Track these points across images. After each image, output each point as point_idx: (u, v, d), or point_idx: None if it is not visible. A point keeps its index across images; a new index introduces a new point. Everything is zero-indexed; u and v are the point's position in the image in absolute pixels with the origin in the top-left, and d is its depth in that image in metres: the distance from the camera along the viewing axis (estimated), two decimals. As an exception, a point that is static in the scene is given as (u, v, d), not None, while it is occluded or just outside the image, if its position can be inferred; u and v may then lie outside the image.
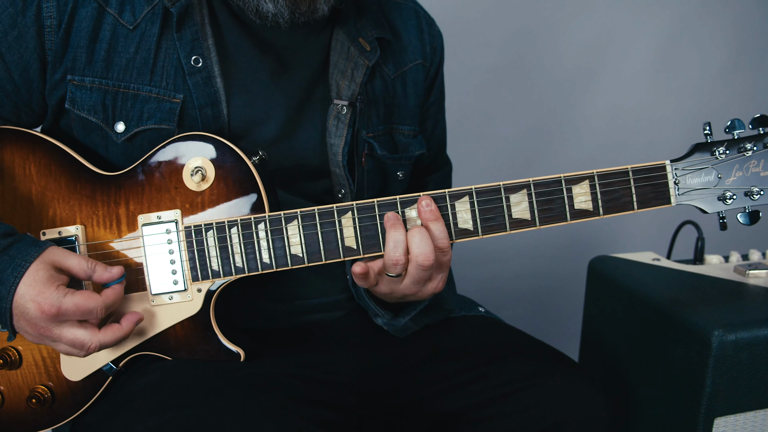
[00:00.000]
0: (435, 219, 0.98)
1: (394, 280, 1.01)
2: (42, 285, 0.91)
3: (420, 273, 0.99)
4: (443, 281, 1.04)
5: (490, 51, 2.23)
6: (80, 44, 1.03)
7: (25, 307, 0.91)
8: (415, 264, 0.98)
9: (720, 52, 2.48)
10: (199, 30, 1.07)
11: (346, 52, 1.17)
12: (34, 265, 0.92)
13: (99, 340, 0.95)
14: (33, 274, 0.91)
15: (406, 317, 1.12)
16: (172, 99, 1.06)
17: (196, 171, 1.01)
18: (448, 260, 1.01)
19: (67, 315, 0.92)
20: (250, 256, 1.00)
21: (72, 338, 0.94)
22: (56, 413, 1.05)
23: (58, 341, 0.94)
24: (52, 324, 0.92)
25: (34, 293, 0.90)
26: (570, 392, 1.08)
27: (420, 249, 0.97)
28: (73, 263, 0.95)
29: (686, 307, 1.34)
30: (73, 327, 0.94)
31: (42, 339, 0.94)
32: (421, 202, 0.99)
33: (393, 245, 0.98)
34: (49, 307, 0.90)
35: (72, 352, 0.96)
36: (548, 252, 2.38)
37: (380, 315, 1.12)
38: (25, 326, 0.93)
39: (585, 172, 1.00)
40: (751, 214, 1.06)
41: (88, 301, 0.93)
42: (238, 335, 1.06)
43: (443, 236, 0.99)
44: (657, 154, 2.43)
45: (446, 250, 0.99)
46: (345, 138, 1.15)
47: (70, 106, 1.05)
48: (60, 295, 0.91)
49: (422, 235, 0.97)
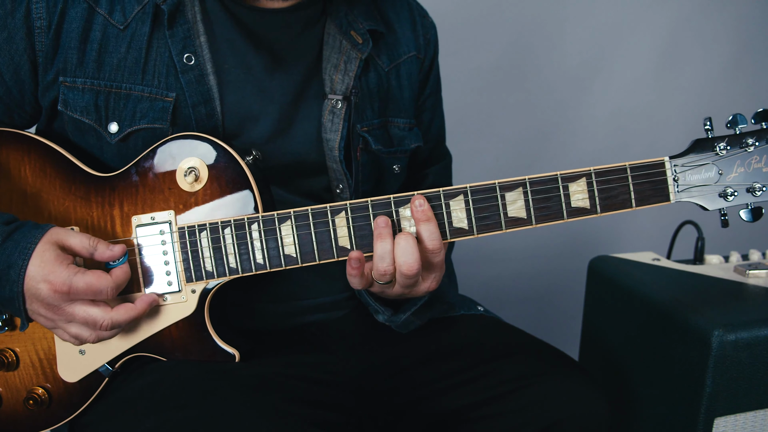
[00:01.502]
0: (426, 219, 0.97)
1: (386, 285, 1.01)
2: (52, 264, 0.91)
3: (406, 280, 0.98)
4: (436, 281, 1.03)
5: (490, 51, 2.23)
6: (71, 45, 1.03)
7: (36, 288, 0.91)
8: (399, 273, 0.97)
9: (722, 52, 2.47)
10: (191, 27, 1.07)
11: (338, 46, 1.17)
12: (41, 246, 0.92)
13: (111, 317, 0.95)
14: (41, 255, 0.92)
15: (406, 313, 1.12)
16: (164, 98, 1.05)
17: (189, 171, 1.01)
18: (440, 261, 1.00)
19: (78, 294, 0.92)
20: (243, 256, 1.00)
21: (85, 315, 0.94)
22: (53, 414, 1.05)
23: (71, 320, 0.94)
24: (64, 302, 0.93)
25: (45, 272, 0.91)
26: (570, 391, 1.08)
27: (404, 258, 0.96)
28: (75, 241, 0.96)
29: (686, 307, 1.34)
30: (85, 305, 0.94)
31: (55, 322, 0.95)
32: (414, 202, 0.98)
33: (380, 257, 0.97)
34: (61, 285, 0.91)
35: (82, 334, 0.96)
36: (548, 252, 2.37)
37: (381, 312, 1.12)
38: (38, 308, 0.94)
39: (582, 169, 0.99)
40: (754, 210, 1.03)
41: (100, 280, 0.93)
42: (234, 336, 1.06)
43: (434, 237, 0.97)
44: (658, 153, 2.42)
45: (437, 252, 0.98)
46: (341, 132, 1.14)
47: (63, 108, 1.05)
48: (71, 274, 0.92)
49: (407, 243, 0.96)
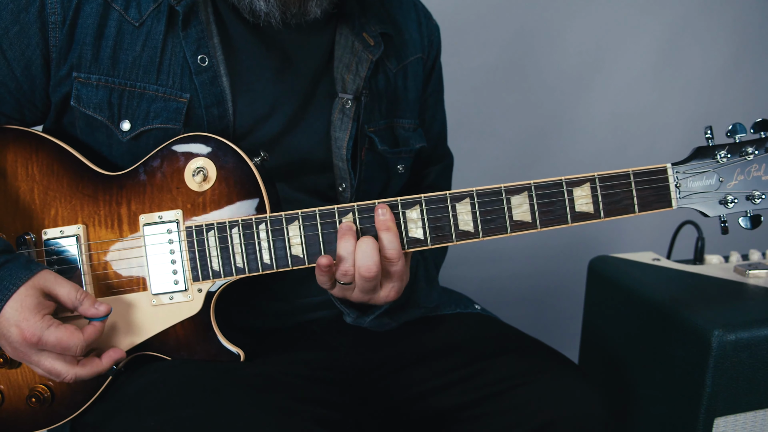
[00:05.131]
0: (386, 229, 0.97)
1: (346, 288, 1.01)
2: (28, 311, 0.91)
3: (364, 284, 0.98)
4: (395, 291, 1.02)
5: (490, 51, 2.23)
6: (86, 41, 1.03)
7: (8, 330, 0.91)
8: (358, 275, 0.97)
9: (721, 53, 2.47)
10: (205, 28, 1.07)
11: (351, 47, 1.17)
12: (23, 290, 0.92)
13: (76, 373, 0.95)
14: (21, 299, 0.91)
15: (370, 316, 1.11)
16: (178, 98, 1.06)
17: (197, 171, 1.01)
18: (397, 270, 0.99)
19: (47, 346, 0.92)
20: (250, 256, 1.00)
21: (50, 367, 0.94)
22: (56, 412, 1.05)
23: (36, 366, 0.95)
24: (31, 351, 0.93)
25: (19, 318, 0.91)
26: (565, 389, 1.09)
27: (363, 260, 0.96)
28: (63, 292, 0.95)
29: (686, 307, 1.34)
30: (51, 357, 0.94)
31: (21, 359, 0.96)
32: (377, 210, 0.98)
33: (341, 257, 0.97)
34: (31, 335, 0.91)
35: (48, 377, 0.98)
36: (548, 252, 2.37)
37: (346, 313, 1.12)
38: (5, 345, 0.94)
39: (586, 174, 1.00)
40: (753, 218, 1.05)
41: (70, 338, 0.93)
42: (238, 335, 1.06)
43: (392, 246, 0.97)
44: (657, 154, 2.45)
45: (394, 261, 0.98)
46: (350, 132, 1.15)
47: (76, 104, 1.05)
48: (44, 326, 0.91)
49: (367, 246, 0.96)
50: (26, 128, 1.07)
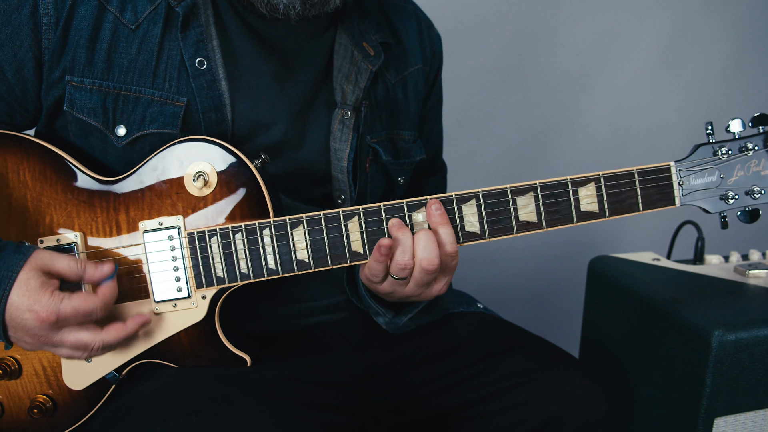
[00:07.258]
0: (444, 223, 0.98)
1: (399, 283, 1.01)
2: (36, 293, 0.89)
3: (424, 277, 0.98)
4: (447, 285, 1.04)
5: (490, 51, 2.23)
6: (79, 43, 1.01)
7: (21, 318, 0.89)
8: (419, 268, 0.97)
9: (721, 52, 2.48)
10: (204, 31, 1.05)
11: (350, 56, 1.16)
12: (24, 273, 0.90)
13: (102, 339, 0.93)
14: (24, 284, 0.89)
15: (408, 315, 1.12)
16: (175, 102, 1.04)
17: (198, 176, 1.00)
18: (455, 265, 1.01)
19: (67, 320, 0.90)
20: (255, 262, 0.99)
21: (75, 341, 0.92)
22: (58, 423, 1.03)
23: (60, 346, 0.93)
24: (52, 331, 0.91)
25: (30, 302, 0.89)
26: (568, 387, 1.09)
27: (425, 253, 0.96)
28: (63, 265, 0.93)
29: (686, 307, 1.34)
30: (74, 330, 0.92)
31: (42, 347, 0.93)
32: (430, 206, 0.98)
33: (401, 250, 0.97)
34: (48, 314, 0.89)
35: (74, 355, 0.94)
36: (548, 252, 2.38)
37: (382, 314, 1.12)
38: (23, 336, 0.91)
39: (591, 174, 1.01)
40: (751, 212, 1.07)
41: (87, 302, 0.91)
42: (244, 340, 1.06)
43: (451, 240, 0.98)
44: (658, 153, 2.46)
45: (454, 255, 0.99)
46: (350, 143, 1.14)
47: (69, 109, 1.03)
48: (57, 301, 0.89)
49: (428, 239, 0.97)
50: (16, 132, 1.04)
